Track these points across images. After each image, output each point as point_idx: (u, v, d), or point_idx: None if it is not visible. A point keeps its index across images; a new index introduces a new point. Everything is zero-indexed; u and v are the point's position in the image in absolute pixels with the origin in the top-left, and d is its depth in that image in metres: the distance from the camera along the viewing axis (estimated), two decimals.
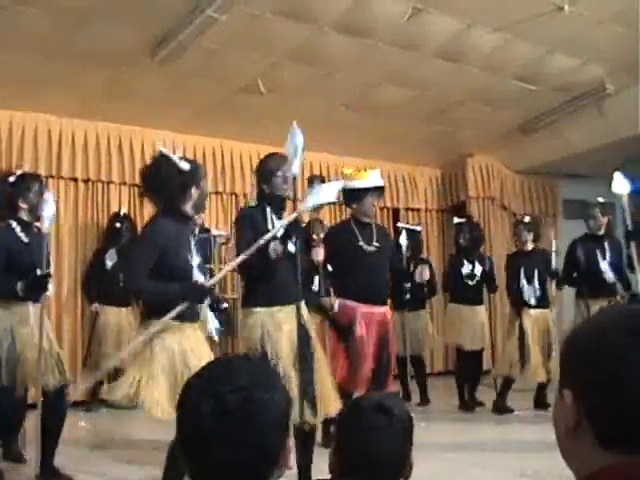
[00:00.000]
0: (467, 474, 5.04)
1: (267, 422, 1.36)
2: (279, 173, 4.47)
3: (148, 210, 8.66)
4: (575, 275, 7.20)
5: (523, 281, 7.44)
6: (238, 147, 9.38)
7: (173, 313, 3.77)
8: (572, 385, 1.16)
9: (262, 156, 9.71)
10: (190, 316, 3.94)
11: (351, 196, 5.72)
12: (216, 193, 9.28)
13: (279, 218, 4.44)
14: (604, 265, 6.91)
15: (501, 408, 7.44)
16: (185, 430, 1.40)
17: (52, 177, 8.12)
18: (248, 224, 4.45)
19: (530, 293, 7.42)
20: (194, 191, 4.00)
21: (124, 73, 7.16)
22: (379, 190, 5.77)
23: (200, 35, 6.35)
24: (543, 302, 7.50)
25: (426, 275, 6.12)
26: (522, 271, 7.45)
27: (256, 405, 1.35)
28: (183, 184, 3.95)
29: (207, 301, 4.34)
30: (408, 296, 7.67)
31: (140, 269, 3.85)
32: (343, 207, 7.77)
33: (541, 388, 7.49)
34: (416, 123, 9.17)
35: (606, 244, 7.03)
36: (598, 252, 6.97)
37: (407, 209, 11.01)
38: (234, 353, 3.89)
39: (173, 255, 3.88)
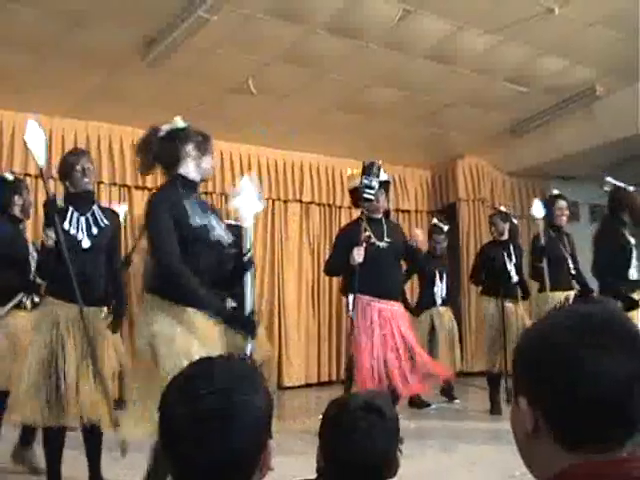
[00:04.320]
0: (455, 475, 5.05)
1: (246, 424, 1.35)
2: (78, 167, 4.37)
3: (137, 210, 8.68)
4: (483, 276, 7.71)
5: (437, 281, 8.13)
6: (228, 148, 9.36)
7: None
8: (525, 390, 1.18)
9: (253, 157, 9.82)
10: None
11: (357, 196, 5.92)
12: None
13: (82, 214, 4.34)
14: (510, 266, 7.36)
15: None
16: (165, 431, 1.40)
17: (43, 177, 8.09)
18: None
19: (439, 292, 8.12)
20: (17, 198, 4.99)
21: (115, 74, 7.15)
22: (383, 185, 6.00)
23: (191, 36, 6.35)
24: (447, 300, 8.27)
25: None
26: (437, 272, 8.12)
27: (235, 407, 1.35)
28: (8, 192, 4.99)
29: None
30: None
31: None
32: None
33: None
34: (407, 125, 9.18)
35: (511, 248, 7.48)
36: (505, 255, 7.39)
37: (397, 210, 11.00)
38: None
39: (6, 248, 4.84)
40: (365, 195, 5.80)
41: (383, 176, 6.06)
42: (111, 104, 7.88)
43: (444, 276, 8.25)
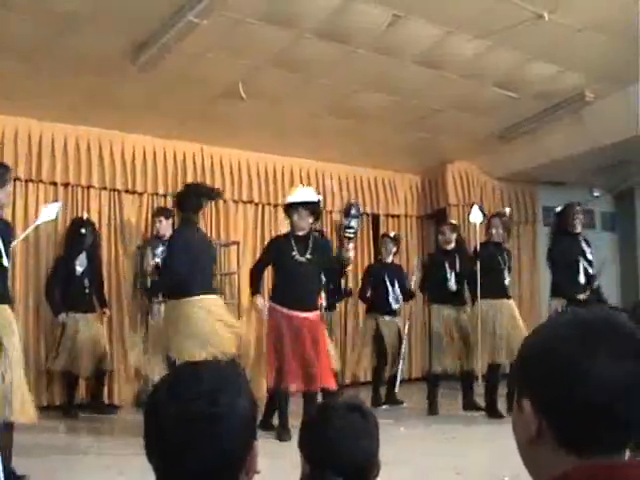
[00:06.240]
0: (443, 479, 5.04)
1: (232, 427, 1.36)
2: None
3: (127, 215, 8.67)
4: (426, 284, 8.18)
5: (389, 288, 8.38)
6: (219, 152, 9.36)
7: None
8: (529, 394, 1.19)
9: (243, 161, 9.82)
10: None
11: (286, 211, 6.72)
12: None
13: None
14: (450, 276, 7.77)
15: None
16: (150, 435, 1.40)
17: (32, 181, 8.08)
18: None
19: (394, 299, 8.39)
20: None
21: (106, 78, 7.13)
22: (308, 206, 6.54)
23: (181, 40, 6.34)
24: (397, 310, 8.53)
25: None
26: (387, 280, 8.40)
27: (221, 410, 1.35)
28: None
29: None
30: None
31: None
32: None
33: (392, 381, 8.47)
34: (396, 130, 9.19)
35: (457, 257, 7.89)
36: (447, 265, 7.81)
37: (387, 215, 11.02)
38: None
39: None
40: (346, 234, 6.76)
41: (314, 197, 6.65)
42: (101, 109, 7.86)
43: (395, 282, 8.44)
